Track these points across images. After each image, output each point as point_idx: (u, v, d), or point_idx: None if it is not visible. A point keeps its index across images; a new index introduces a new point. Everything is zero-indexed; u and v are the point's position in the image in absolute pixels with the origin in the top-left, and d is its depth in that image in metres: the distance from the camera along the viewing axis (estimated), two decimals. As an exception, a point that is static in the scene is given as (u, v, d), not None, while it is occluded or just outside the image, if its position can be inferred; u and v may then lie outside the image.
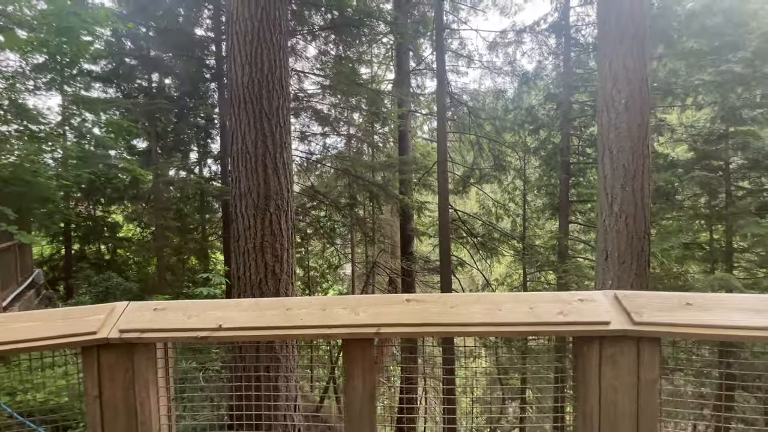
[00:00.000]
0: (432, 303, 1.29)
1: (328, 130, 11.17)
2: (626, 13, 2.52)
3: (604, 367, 1.20)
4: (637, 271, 2.50)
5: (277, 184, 2.67)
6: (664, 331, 1.16)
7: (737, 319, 1.13)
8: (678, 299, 1.21)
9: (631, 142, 2.52)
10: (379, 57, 13.95)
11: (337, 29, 9.38)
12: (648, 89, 2.55)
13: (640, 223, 2.50)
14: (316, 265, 14.57)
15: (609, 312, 1.22)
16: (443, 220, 7.27)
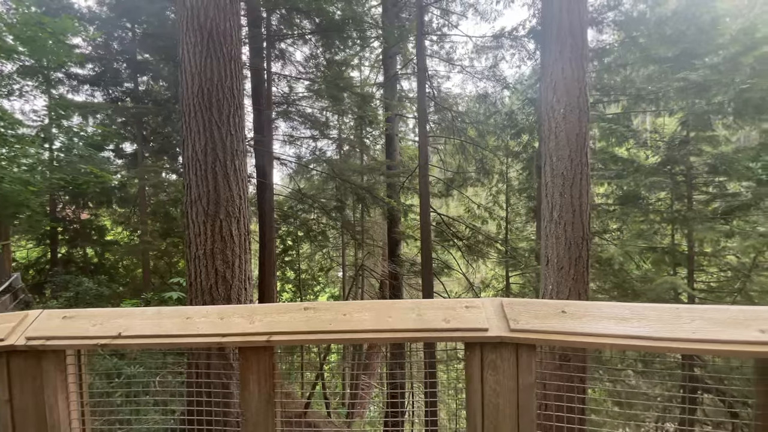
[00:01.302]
0: (326, 311, 1.34)
1: (316, 133, 11.25)
2: (565, 25, 2.58)
3: (486, 372, 1.25)
4: (574, 276, 2.55)
5: (227, 191, 2.71)
6: (538, 338, 1.22)
7: (603, 327, 1.18)
8: (555, 307, 1.26)
9: (569, 150, 2.58)
10: (371, 60, 14.06)
11: (324, 33, 9.47)
12: (586, 99, 2.61)
13: (578, 230, 2.55)
14: (307, 268, 14.61)
15: (490, 319, 1.27)
16: (424, 223, 7.32)
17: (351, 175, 10.06)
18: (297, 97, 10.96)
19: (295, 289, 14.37)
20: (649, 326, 1.14)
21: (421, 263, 7.70)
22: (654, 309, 1.18)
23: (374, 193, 9.82)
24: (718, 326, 1.10)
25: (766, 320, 1.08)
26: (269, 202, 10.10)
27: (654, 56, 4.89)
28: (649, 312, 1.18)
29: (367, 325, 1.27)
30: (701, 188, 4.18)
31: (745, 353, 1.07)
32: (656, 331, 1.13)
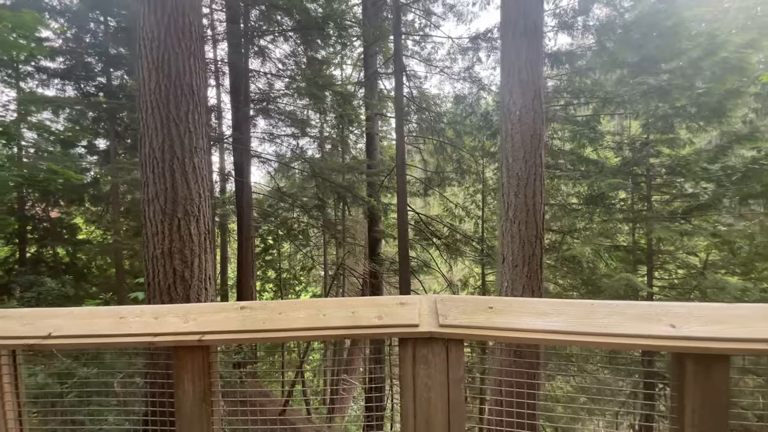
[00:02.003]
0: (261, 310, 1.35)
1: (296, 131, 11.18)
2: (520, 28, 2.64)
3: (418, 367, 1.28)
4: (528, 274, 2.62)
5: (186, 190, 2.68)
6: (465, 332, 1.25)
7: (524, 322, 1.22)
8: (483, 303, 1.30)
9: (524, 151, 2.65)
10: (353, 59, 14.04)
11: (303, 31, 9.42)
12: (541, 103, 2.68)
13: (532, 229, 2.63)
14: (288, 267, 14.49)
15: (422, 315, 1.30)
16: (401, 222, 7.36)
17: (331, 174, 10.03)
18: (277, 94, 10.88)
19: (276, 289, 14.24)
20: (566, 321, 1.19)
21: (399, 262, 7.74)
22: (573, 305, 1.23)
23: (354, 192, 9.83)
24: (630, 321, 1.15)
25: (677, 315, 1.14)
26: (247, 201, 9.99)
27: (620, 61, 5.03)
28: (568, 308, 1.22)
29: (301, 324, 1.29)
30: (662, 189, 4.34)
31: (656, 347, 1.12)
32: (572, 325, 1.17)
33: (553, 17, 6.23)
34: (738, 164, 4.01)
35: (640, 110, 4.88)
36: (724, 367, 1.08)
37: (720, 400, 1.09)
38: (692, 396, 1.10)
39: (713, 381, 1.09)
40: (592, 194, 4.62)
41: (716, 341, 1.07)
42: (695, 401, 1.10)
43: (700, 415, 1.10)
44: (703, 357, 1.08)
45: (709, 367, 1.09)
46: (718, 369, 1.08)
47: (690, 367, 1.10)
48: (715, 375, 1.08)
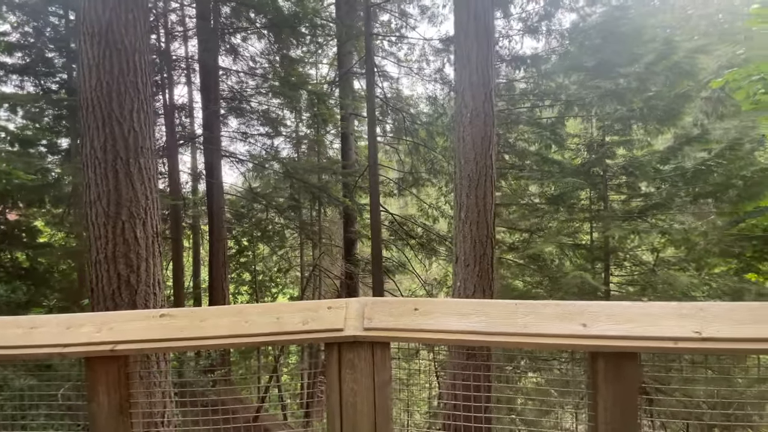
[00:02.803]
0: (182, 317, 1.30)
1: (270, 130, 11.01)
2: (472, 32, 2.68)
3: (344, 371, 1.26)
4: (479, 273, 2.66)
5: (130, 191, 2.58)
6: (389, 335, 1.24)
7: (447, 323, 1.22)
8: (410, 305, 1.29)
9: (475, 153, 2.68)
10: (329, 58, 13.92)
11: (275, 29, 9.28)
12: (492, 105, 2.72)
13: (483, 229, 2.67)
14: (264, 269, 14.23)
15: (349, 319, 1.28)
16: (374, 222, 7.34)
17: (305, 174, 9.92)
18: (250, 93, 10.69)
19: (252, 291, 13.97)
20: (486, 321, 1.20)
21: (371, 262, 7.73)
22: (495, 305, 1.24)
23: (329, 192, 9.75)
24: (546, 320, 1.17)
25: (590, 314, 1.16)
26: (219, 202, 9.77)
27: (580, 65, 5.17)
28: (490, 308, 1.23)
29: (223, 331, 1.25)
30: (619, 189, 4.50)
31: (569, 346, 1.14)
32: (492, 325, 1.18)
33: (518, 21, 6.36)
34: (689, 165, 4.18)
35: (598, 113, 5.03)
36: (633, 364, 1.11)
37: (630, 398, 1.11)
38: (604, 394, 1.12)
39: (623, 379, 1.11)
40: (555, 194, 4.74)
41: (625, 339, 1.09)
42: (607, 399, 1.12)
43: (612, 413, 1.12)
44: (613, 355, 1.11)
45: (619, 365, 1.11)
46: (627, 367, 1.11)
47: (601, 365, 1.12)
48: (625, 373, 1.11)
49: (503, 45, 6.90)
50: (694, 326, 1.08)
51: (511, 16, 6.75)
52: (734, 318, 1.09)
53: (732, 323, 1.08)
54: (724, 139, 4.24)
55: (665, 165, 4.14)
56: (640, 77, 4.98)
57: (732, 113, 4.72)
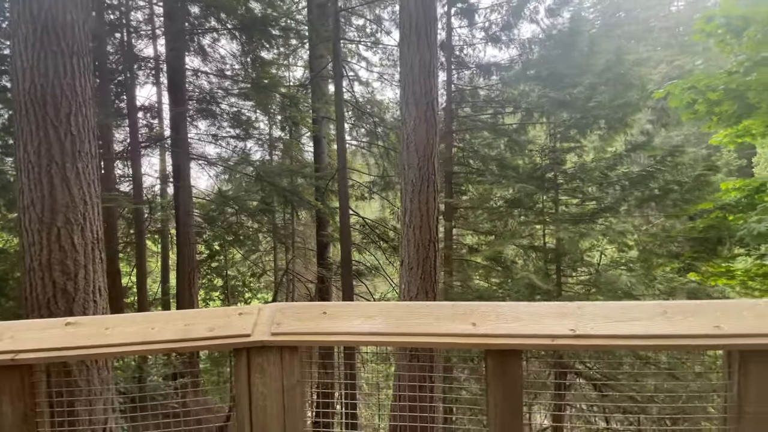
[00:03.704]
0: (88, 325, 1.30)
1: (241, 133, 10.88)
2: (414, 42, 2.77)
3: (253, 376, 1.29)
4: (422, 276, 2.75)
5: (67, 197, 2.52)
6: (297, 339, 1.28)
7: (352, 326, 1.27)
8: (319, 309, 1.33)
9: (418, 159, 2.77)
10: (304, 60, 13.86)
11: (246, 30, 9.20)
12: (434, 113, 2.82)
13: (425, 233, 2.76)
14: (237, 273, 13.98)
15: (258, 324, 1.31)
16: (344, 225, 7.36)
17: (277, 177, 9.84)
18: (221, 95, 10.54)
19: (224, 297, 13.69)
20: (387, 323, 1.25)
21: (341, 266, 7.73)
22: (398, 307, 1.30)
23: (301, 195, 9.70)
24: (441, 321, 1.23)
25: (480, 314, 1.23)
26: (186, 205, 9.55)
27: (536, 74, 5.37)
28: (393, 310, 1.29)
29: (129, 339, 1.26)
30: (573, 194, 4.71)
31: (460, 344, 1.21)
32: (391, 326, 1.24)
33: (481, 30, 6.56)
34: (635, 171, 4.41)
35: (554, 121, 5.24)
36: (517, 361, 1.19)
37: (516, 393, 1.19)
38: (494, 390, 1.19)
39: (509, 375, 1.19)
40: (511, 198, 4.91)
41: (509, 338, 1.17)
42: (497, 395, 1.19)
43: (502, 409, 1.19)
44: (499, 353, 1.18)
45: (504, 362, 1.19)
46: (512, 364, 1.18)
47: (490, 362, 1.19)
48: (510, 369, 1.18)
49: (468, 53, 7.08)
50: (571, 324, 1.17)
51: (475, 25, 6.94)
52: (607, 316, 1.18)
53: (604, 321, 1.17)
54: (666, 147, 4.49)
55: (612, 171, 4.37)
56: (593, 87, 5.24)
57: (675, 122, 5.02)
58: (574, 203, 4.84)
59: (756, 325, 1.11)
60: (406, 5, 2.75)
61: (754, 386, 1.11)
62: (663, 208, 4.38)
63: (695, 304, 1.18)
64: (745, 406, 1.12)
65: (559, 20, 6.38)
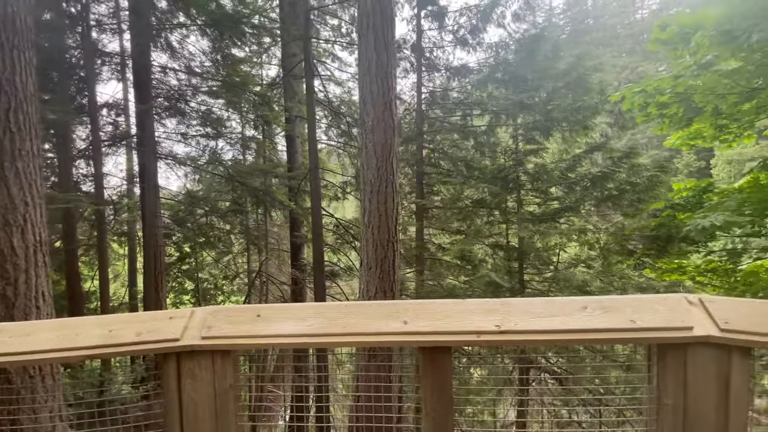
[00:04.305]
0: (10, 332, 1.24)
1: (211, 131, 10.63)
2: (371, 43, 2.79)
3: (184, 381, 1.26)
4: (380, 275, 2.77)
5: (5, 197, 2.39)
6: (229, 343, 1.26)
7: (284, 328, 1.26)
8: (252, 312, 1.32)
9: (376, 160, 2.79)
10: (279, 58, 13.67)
11: (217, 26, 9.00)
12: (392, 114, 2.85)
13: (384, 233, 2.78)
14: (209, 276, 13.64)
15: (189, 329, 1.29)
16: (316, 226, 7.31)
17: (249, 177, 9.67)
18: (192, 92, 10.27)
19: (195, 301, 13.33)
20: (320, 323, 1.25)
21: (313, 267, 7.67)
22: (330, 308, 1.31)
23: (273, 195, 9.55)
24: (373, 319, 1.25)
25: (412, 312, 1.25)
26: (152, 206, 9.24)
27: (504, 78, 5.49)
28: (326, 310, 1.29)
29: (50, 345, 1.21)
30: (534, 194, 4.85)
31: (392, 342, 1.23)
32: (324, 327, 1.24)
33: (450, 33, 6.65)
34: (593, 172, 4.57)
35: (520, 123, 5.38)
36: (447, 357, 1.21)
37: (446, 388, 1.21)
38: (426, 385, 1.21)
39: (439, 371, 1.21)
40: (477, 198, 5.01)
41: (438, 334, 1.19)
42: (427, 390, 1.22)
43: (432, 403, 1.22)
44: (430, 349, 1.21)
45: (434, 358, 1.21)
46: (441, 360, 1.21)
47: (421, 359, 1.21)
48: (440, 365, 1.21)
49: (438, 55, 7.17)
50: (497, 320, 1.20)
51: (445, 28, 7.03)
52: (531, 312, 1.22)
53: (528, 317, 1.21)
54: (622, 149, 4.68)
55: (572, 172, 4.53)
56: (555, 90, 5.41)
57: (632, 125, 5.24)
58: (537, 203, 4.99)
59: (668, 319, 1.17)
60: (363, 5, 2.76)
61: (671, 378, 1.17)
62: (620, 207, 4.58)
63: (612, 300, 1.23)
64: (664, 398, 1.18)
65: (524, 26, 6.56)
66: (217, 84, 9.93)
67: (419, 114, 6.86)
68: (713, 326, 1.14)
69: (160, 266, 9.87)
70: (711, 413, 1.15)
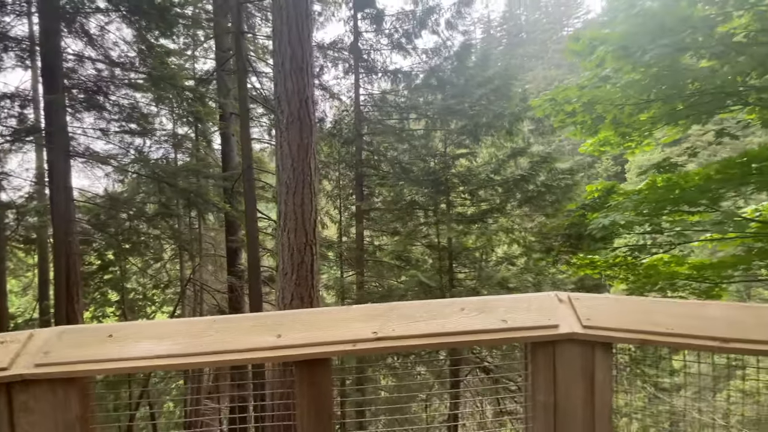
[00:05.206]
0: None
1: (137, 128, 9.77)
2: (285, 38, 2.70)
3: (17, 416, 1.07)
4: (297, 281, 2.68)
5: None
6: (70, 370, 1.09)
7: (142, 349, 1.13)
8: (103, 332, 1.16)
9: (292, 160, 2.70)
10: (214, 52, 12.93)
11: (143, 16, 8.29)
12: (309, 112, 2.77)
13: (301, 236, 2.70)
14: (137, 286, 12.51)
15: (21, 356, 1.09)
16: (251, 229, 6.96)
17: (178, 178, 9.00)
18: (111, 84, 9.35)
19: (120, 313, 12.16)
20: (182, 342, 1.13)
21: (249, 272, 7.32)
22: (194, 323, 1.19)
23: (205, 197, 8.98)
24: (242, 334, 1.15)
25: (288, 324, 1.18)
26: (63, 209, 8.27)
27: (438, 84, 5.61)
28: (189, 327, 1.17)
29: None
30: (463, 195, 5.04)
31: (264, 358, 1.14)
32: (187, 346, 1.12)
33: (387, 37, 6.71)
34: (515, 175, 4.82)
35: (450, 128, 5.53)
36: (325, 369, 1.16)
37: (325, 401, 1.16)
38: (301, 401, 1.14)
39: (317, 384, 1.15)
40: (411, 200, 5.09)
41: (315, 346, 1.13)
42: (303, 405, 1.15)
43: (309, 418, 1.15)
44: (306, 362, 1.14)
45: (312, 371, 1.14)
46: (320, 373, 1.15)
47: (297, 373, 1.14)
48: (318, 379, 1.15)
49: (375, 58, 7.19)
50: (376, 327, 1.16)
51: (382, 31, 7.06)
52: (412, 316, 1.20)
53: (408, 321, 1.19)
54: (541, 154, 4.99)
55: (497, 175, 4.76)
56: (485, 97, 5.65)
57: (551, 131, 5.62)
58: (467, 204, 5.18)
59: (537, 317, 1.21)
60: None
61: (542, 376, 1.20)
62: (540, 208, 4.90)
63: (488, 300, 1.25)
64: (537, 395, 1.21)
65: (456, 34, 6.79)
66: (142, 77, 9.17)
67: (358, 116, 6.82)
68: (577, 323, 1.19)
69: (75, 276, 8.86)
70: (579, 408, 1.19)
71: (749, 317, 1.20)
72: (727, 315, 1.17)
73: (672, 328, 1.13)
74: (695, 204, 4.24)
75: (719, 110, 4.34)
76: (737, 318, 1.18)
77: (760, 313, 1.22)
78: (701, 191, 3.93)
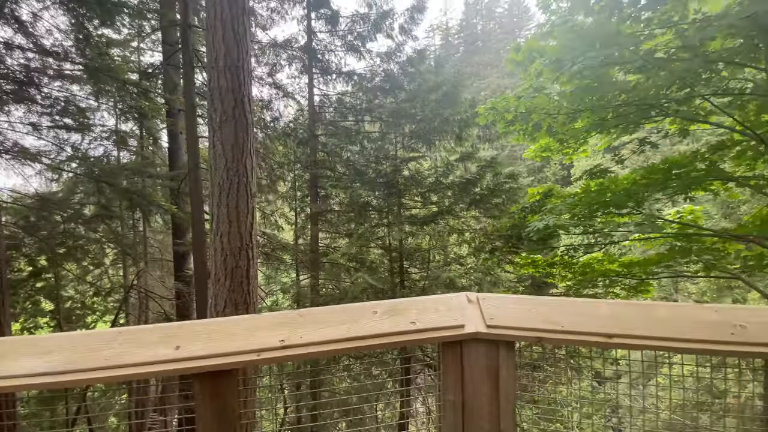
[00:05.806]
0: None
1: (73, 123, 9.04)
2: (219, 33, 2.62)
3: None
4: (230, 287, 2.60)
5: None
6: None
7: (21, 366, 1.03)
8: (-21, 349, 1.06)
9: (226, 160, 2.62)
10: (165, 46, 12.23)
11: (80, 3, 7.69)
12: (245, 111, 2.70)
13: (236, 240, 2.63)
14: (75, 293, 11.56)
15: None
16: (197, 233, 6.64)
17: (117, 177, 8.42)
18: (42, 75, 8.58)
19: (56, 324, 11.19)
20: (69, 357, 1.06)
21: (194, 276, 6.98)
22: (86, 337, 1.12)
23: (149, 198, 8.46)
24: (145, 347, 1.08)
25: (188, 335, 1.12)
26: (-18, 212, 7.51)
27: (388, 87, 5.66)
28: (79, 341, 1.10)
29: None
30: (414, 198, 5.13)
31: (159, 372, 1.09)
32: (73, 362, 1.05)
33: (341, 39, 6.69)
34: (463, 179, 4.96)
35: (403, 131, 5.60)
36: (230, 381, 1.12)
37: (230, 414, 1.12)
38: (203, 414, 1.10)
39: (221, 398, 1.11)
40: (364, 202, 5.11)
41: (214, 357, 1.09)
42: (206, 418, 1.11)
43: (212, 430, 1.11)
44: (208, 375, 1.10)
45: (216, 384, 1.11)
46: (224, 385, 1.11)
47: (197, 386, 1.10)
48: (221, 391, 1.11)
49: (330, 59, 7.14)
50: (284, 335, 1.15)
51: (337, 33, 7.03)
52: (323, 321, 1.20)
53: (317, 326, 1.18)
54: (486, 158, 5.17)
55: (446, 178, 4.89)
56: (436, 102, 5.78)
57: (497, 137, 5.86)
58: (419, 206, 5.28)
59: (445, 318, 1.25)
60: (209, -6, 2.55)
61: (451, 375, 1.23)
62: (486, 210, 5.09)
63: (400, 303, 1.27)
64: (447, 394, 1.24)
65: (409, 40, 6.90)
66: (79, 68, 8.52)
67: (312, 116, 6.74)
68: (482, 323, 1.24)
69: (1, 284, 8.06)
70: (485, 406, 1.24)
71: (635, 314, 1.30)
72: (615, 312, 1.27)
73: (564, 326, 1.21)
74: (623, 206, 4.56)
75: (644, 120, 4.73)
76: (624, 315, 1.28)
77: (645, 310, 1.33)
78: (628, 195, 4.25)
